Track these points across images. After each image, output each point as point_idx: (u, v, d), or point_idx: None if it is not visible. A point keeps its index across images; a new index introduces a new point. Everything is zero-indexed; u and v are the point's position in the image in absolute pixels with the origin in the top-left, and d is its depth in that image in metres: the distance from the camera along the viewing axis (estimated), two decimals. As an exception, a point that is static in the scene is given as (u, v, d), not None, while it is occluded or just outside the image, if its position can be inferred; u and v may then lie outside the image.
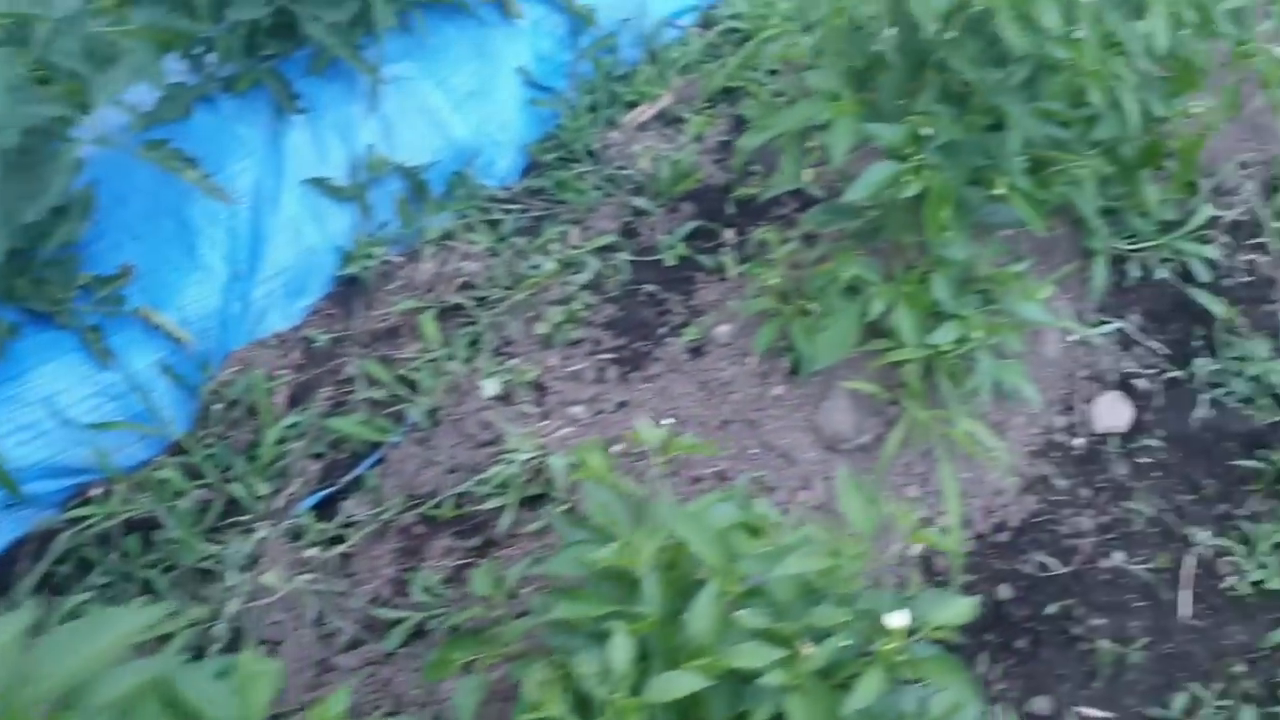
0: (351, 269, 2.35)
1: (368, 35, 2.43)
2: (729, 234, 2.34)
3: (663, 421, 1.85)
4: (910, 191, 1.56)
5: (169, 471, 2.03)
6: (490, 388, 2.06)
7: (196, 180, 2.06)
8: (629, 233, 2.39)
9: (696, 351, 2.05)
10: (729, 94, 2.63)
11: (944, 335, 1.70)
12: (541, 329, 2.15)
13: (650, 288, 2.25)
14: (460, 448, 1.97)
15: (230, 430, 2.14)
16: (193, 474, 2.06)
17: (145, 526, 1.97)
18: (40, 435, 2.00)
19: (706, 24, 2.85)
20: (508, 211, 2.48)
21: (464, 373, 2.12)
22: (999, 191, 1.62)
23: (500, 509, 1.90)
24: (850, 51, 1.51)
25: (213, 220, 2.28)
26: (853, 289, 1.78)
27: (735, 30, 2.77)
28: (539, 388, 2.06)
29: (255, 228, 2.32)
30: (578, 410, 1.97)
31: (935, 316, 1.74)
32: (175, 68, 2.40)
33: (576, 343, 2.14)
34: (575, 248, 2.34)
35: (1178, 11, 1.61)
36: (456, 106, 2.53)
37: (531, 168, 2.59)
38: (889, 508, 1.45)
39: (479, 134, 2.54)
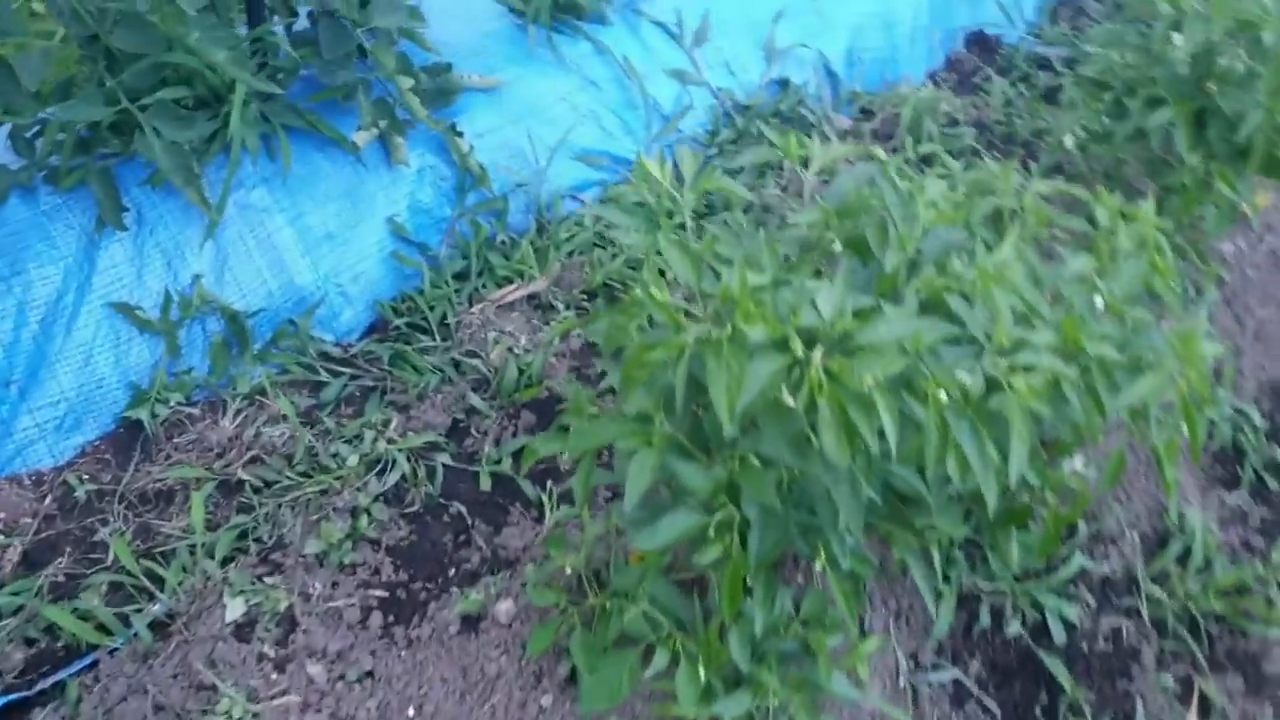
0: (139, 412, 2.07)
1: (224, 152, 2.17)
2: (564, 459, 2.09)
3: (403, 715, 1.59)
4: (709, 557, 1.32)
5: None
6: (234, 609, 1.79)
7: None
8: (457, 431, 2.14)
9: (471, 625, 1.78)
10: (609, 291, 2.40)
11: (732, 707, 1.46)
12: (316, 544, 1.88)
13: (458, 508, 2.00)
14: (175, 683, 1.70)
15: (-61, 583, 1.84)
16: (-124, 633, 1.76)
17: None
18: None
19: (608, 203, 2.62)
20: (335, 374, 2.22)
21: (216, 577, 1.85)
22: (818, 566, 1.39)
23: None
24: (657, 391, 1.27)
25: (-11, 328, 2.00)
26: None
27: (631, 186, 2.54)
28: (289, 621, 1.78)
29: (40, 345, 2.04)
30: (316, 670, 1.70)
31: (729, 679, 1.49)
32: (-2, 145, 2.13)
33: (351, 568, 1.88)
34: (391, 441, 2.08)
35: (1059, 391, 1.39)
36: (308, 248, 2.27)
37: (377, 327, 2.35)
38: None
39: (326, 281, 2.29)
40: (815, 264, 1.39)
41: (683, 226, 1.53)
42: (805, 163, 1.52)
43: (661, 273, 1.89)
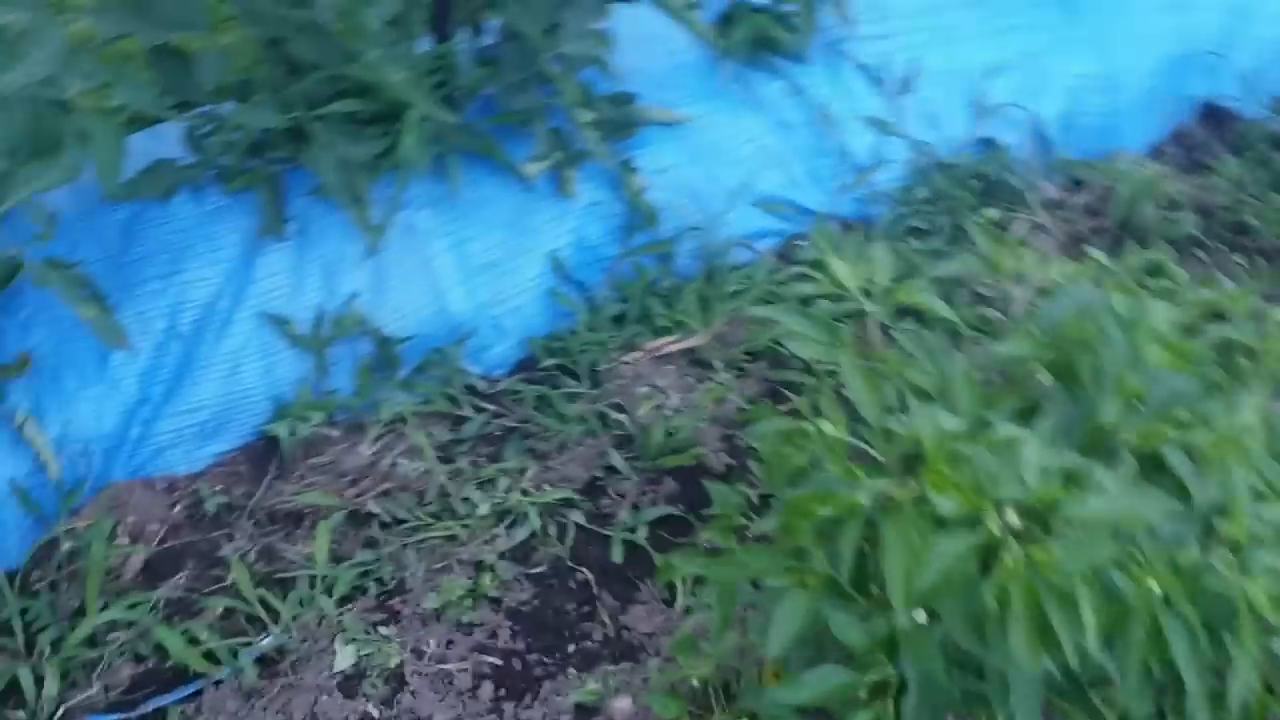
0: (278, 428, 2.03)
1: (393, 170, 2.10)
2: (703, 536, 1.95)
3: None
4: None
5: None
6: (345, 658, 1.72)
7: (93, 318, 1.75)
8: (594, 490, 2.03)
9: (585, 718, 1.66)
10: (774, 355, 2.24)
11: None
12: (436, 598, 1.79)
13: (586, 576, 1.88)
14: (273, 731, 1.63)
15: (66, 584, 1.82)
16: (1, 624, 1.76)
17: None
18: None
19: (784, 256, 2.47)
20: (478, 410, 2.14)
21: (331, 617, 1.78)
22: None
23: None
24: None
25: (141, 327, 1.98)
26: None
27: (809, 278, 2.38)
28: (398, 679, 1.70)
29: (189, 348, 2.02)
30: (416, 742, 1.61)
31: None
32: (173, 133, 2.11)
33: (469, 628, 1.79)
34: (525, 493, 1.98)
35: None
36: (466, 276, 2.20)
37: (525, 365, 2.26)
38: None
39: (481, 312, 2.21)
40: (1019, 400, 1.21)
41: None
42: (1016, 278, 1.34)
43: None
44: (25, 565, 1.85)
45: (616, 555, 1.92)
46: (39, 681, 1.70)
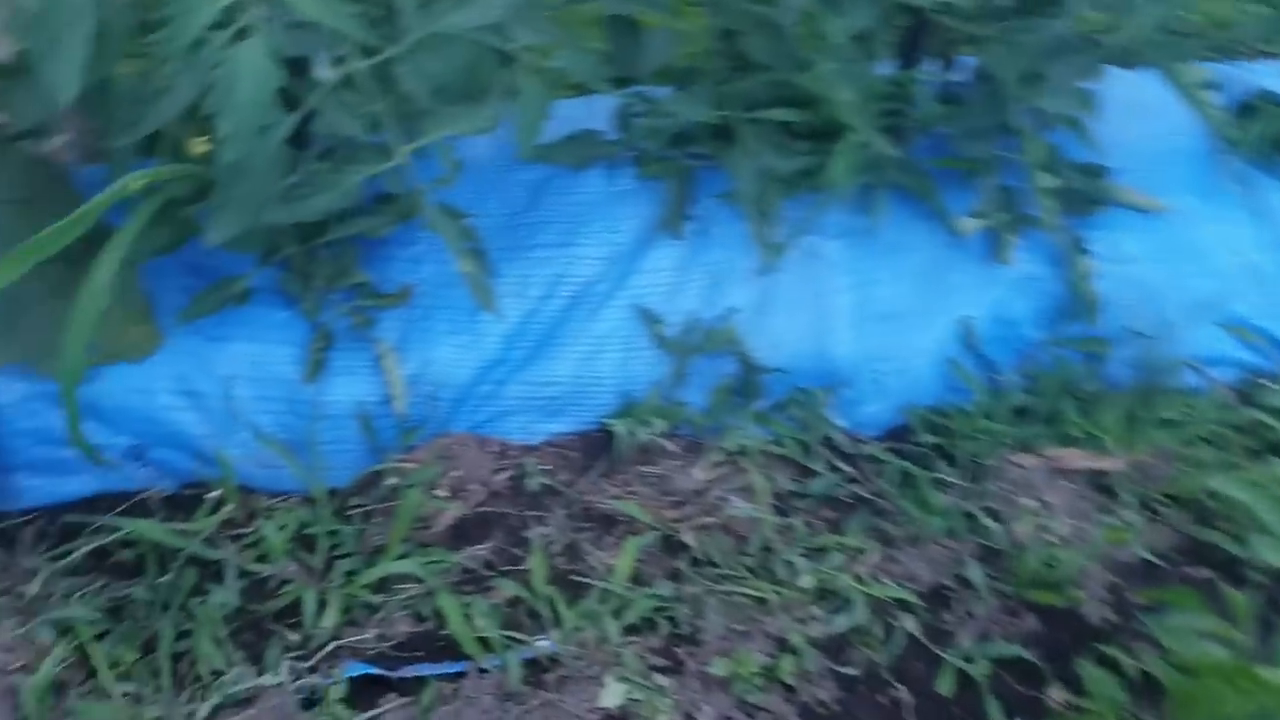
0: (620, 425, 1.92)
1: (810, 191, 1.93)
2: (1055, 695, 1.61)
3: None
4: None
5: (272, 527, 1.73)
6: (612, 695, 1.56)
7: (470, 272, 1.70)
8: (938, 598, 1.74)
9: None
10: (1202, 509, 1.84)
11: None
12: (724, 665, 1.58)
13: (901, 696, 1.60)
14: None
15: (378, 520, 1.80)
16: (303, 541, 1.76)
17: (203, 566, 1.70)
18: (185, 408, 1.78)
19: (1244, 395, 2.04)
20: (832, 469, 1.91)
21: (613, 644, 1.63)
22: None
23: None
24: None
25: (519, 289, 1.93)
26: None
27: (1272, 430, 1.94)
28: (658, 736, 1.51)
29: (558, 323, 1.94)
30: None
31: None
32: (601, 107, 2.06)
33: (751, 709, 1.56)
34: (858, 579, 1.73)
35: None
36: (859, 321, 1.99)
37: (898, 433, 2.00)
38: None
39: (864, 364, 1.99)
40: None
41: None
42: None
43: None
44: (348, 489, 1.85)
45: (944, 685, 1.61)
46: (321, 607, 1.68)
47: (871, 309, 1.99)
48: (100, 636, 1.60)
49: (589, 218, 2.00)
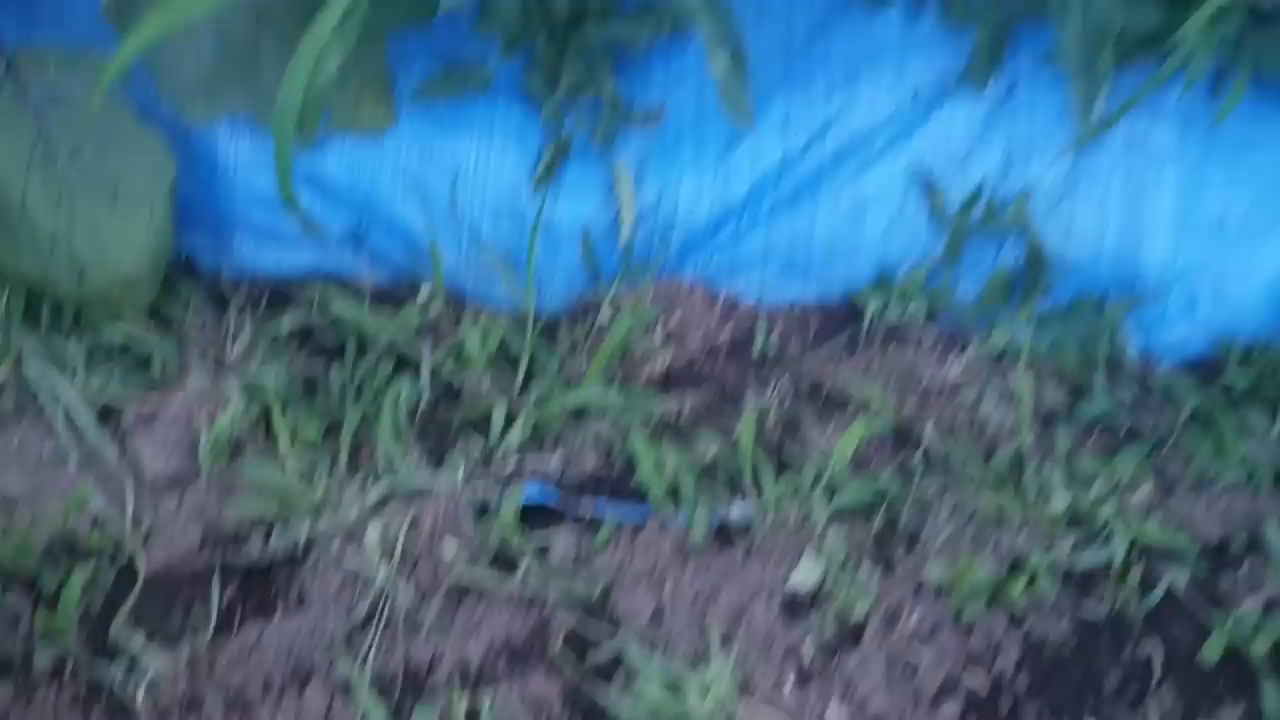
0: (869, 299, 1.72)
1: (1149, 62, 1.65)
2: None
3: None
4: None
5: (474, 336, 1.65)
6: (807, 572, 1.39)
7: (723, 76, 1.53)
8: (1219, 556, 1.48)
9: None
10: None
11: None
12: (941, 570, 1.39)
13: (1148, 651, 1.37)
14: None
15: (583, 349, 1.70)
16: (503, 357, 1.67)
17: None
18: (408, 197, 1.71)
19: None
20: (1113, 389, 1.64)
21: (819, 523, 1.46)
22: None
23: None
24: None
25: (782, 128, 1.75)
26: None
27: None
28: (852, 633, 1.34)
29: (821, 174, 1.77)
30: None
31: None
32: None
33: (966, 627, 1.35)
34: (1123, 515, 1.47)
35: None
36: (1182, 226, 1.72)
37: (1204, 366, 1.72)
38: None
39: (1181, 277, 1.72)
40: None
41: None
42: None
43: None
44: (557, 314, 1.74)
45: (1209, 653, 1.35)
46: (508, 425, 1.59)
47: (1200, 214, 1.68)
48: (286, 409, 1.57)
49: (877, 62, 1.78)
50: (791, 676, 1.30)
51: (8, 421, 1.52)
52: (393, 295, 1.73)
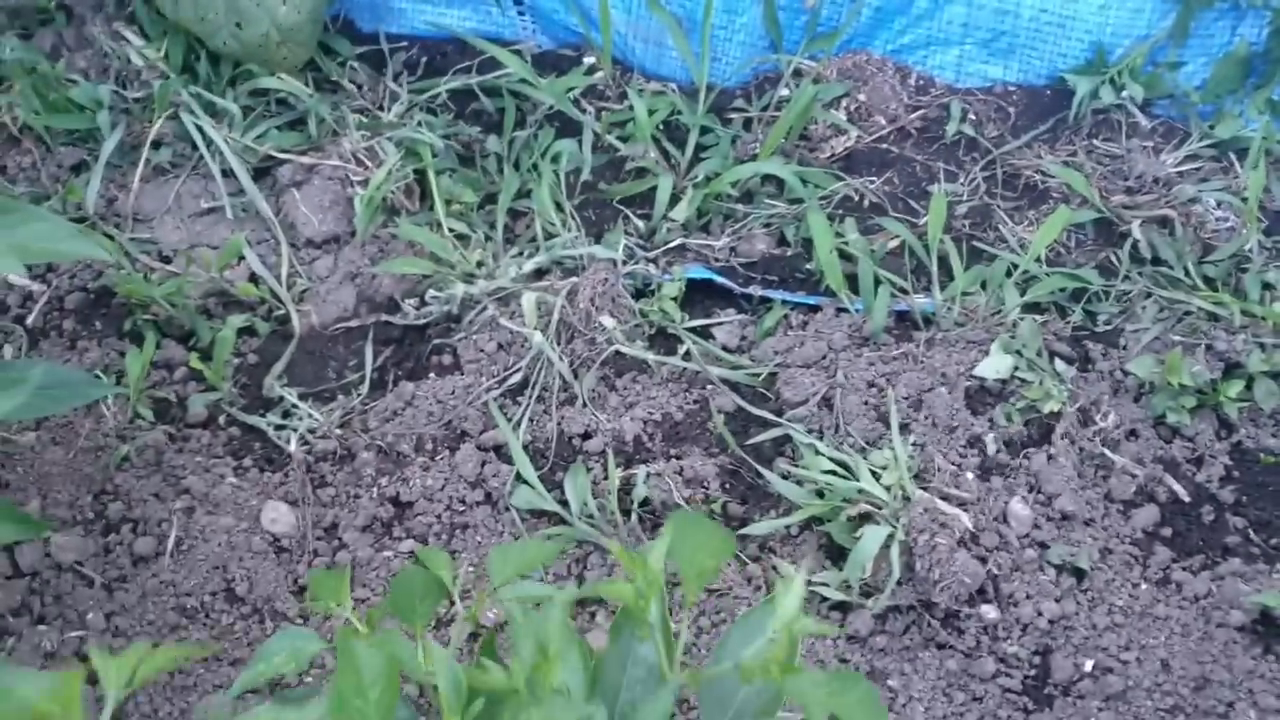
0: (1079, 82, 1.58)
1: None
2: None
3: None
4: None
5: (642, 107, 1.58)
6: (995, 365, 1.30)
7: None
8: None
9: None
10: None
11: None
12: (1148, 370, 1.28)
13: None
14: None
15: (754, 127, 1.60)
16: (671, 130, 1.60)
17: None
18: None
19: None
20: None
21: (1009, 315, 1.35)
22: None
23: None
24: None
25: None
26: None
27: None
28: (1042, 431, 1.25)
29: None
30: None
31: None
32: None
33: (1168, 431, 1.25)
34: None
35: None
36: None
37: None
38: None
39: None
40: None
41: None
42: None
43: None
44: (733, 88, 1.65)
45: None
46: (674, 201, 1.52)
47: None
48: (442, 173, 1.53)
49: None
50: (974, 467, 1.23)
51: (165, 172, 1.53)
52: (556, 62, 1.66)
